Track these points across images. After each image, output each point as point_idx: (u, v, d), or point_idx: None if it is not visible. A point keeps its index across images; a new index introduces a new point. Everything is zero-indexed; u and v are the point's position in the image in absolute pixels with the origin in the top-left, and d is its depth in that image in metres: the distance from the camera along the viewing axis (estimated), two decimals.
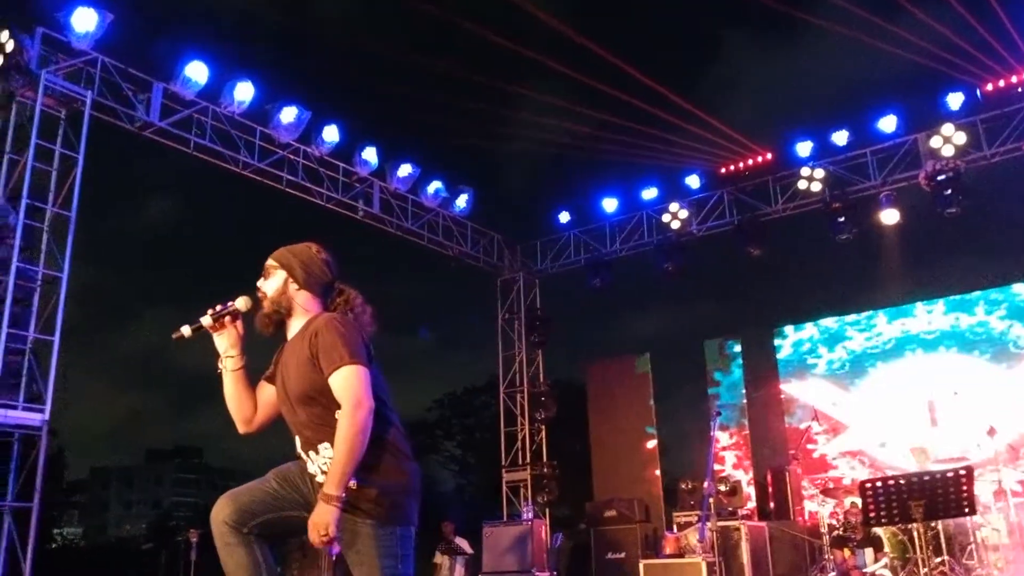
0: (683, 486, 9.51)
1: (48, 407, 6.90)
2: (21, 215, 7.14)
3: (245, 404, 2.79)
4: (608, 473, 11.37)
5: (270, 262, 2.85)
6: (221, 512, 2.62)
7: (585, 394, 12.21)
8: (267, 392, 2.86)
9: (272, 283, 2.82)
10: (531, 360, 12.61)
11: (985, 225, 9.73)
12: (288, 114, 9.05)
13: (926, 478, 4.35)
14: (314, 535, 2.47)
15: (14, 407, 6.78)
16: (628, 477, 11.02)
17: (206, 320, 2.73)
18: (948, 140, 9.47)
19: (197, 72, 8.34)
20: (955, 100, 9.53)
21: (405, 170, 10.40)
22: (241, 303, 2.79)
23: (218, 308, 2.76)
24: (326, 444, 2.66)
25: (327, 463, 2.64)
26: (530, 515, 10.36)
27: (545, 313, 12.74)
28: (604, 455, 11.57)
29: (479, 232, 12.23)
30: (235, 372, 2.77)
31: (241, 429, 2.81)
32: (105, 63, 8.05)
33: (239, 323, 2.80)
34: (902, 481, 4.37)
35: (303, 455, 2.74)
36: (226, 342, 2.79)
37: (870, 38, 10.04)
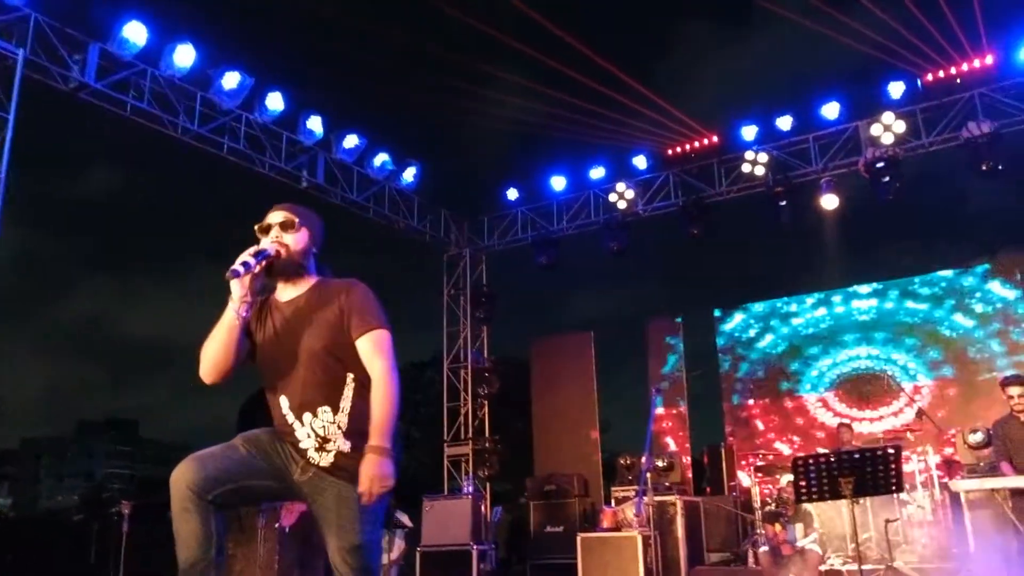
0: (622, 462, 9.64)
1: None
2: None
3: (230, 354, 2.69)
4: (549, 449, 11.46)
5: (291, 216, 2.79)
6: (185, 476, 2.55)
7: (529, 371, 12.28)
8: (244, 344, 2.77)
9: (297, 238, 2.78)
10: (476, 336, 12.62)
11: (920, 212, 9.97)
12: (230, 79, 8.82)
13: (856, 456, 4.48)
14: (375, 486, 2.50)
15: None
16: (569, 453, 11.12)
17: (251, 260, 2.64)
18: (888, 128, 9.68)
19: (135, 33, 8.06)
20: (896, 89, 9.74)
21: (351, 141, 10.25)
22: (271, 247, 2.72)
23: (256, 251, 2.68)
24: (327, 408, 2.65)
25: (324, 427, 2.63)
26: (470, 489, 10.40)
27: (491, 289, 12.75)
28: (546, 431, 11.66)
29: (426, 206, 12.14)
30: (242, 317, 2.67)
31: (211, 377, 2.71)
32: (39, 20, 7.74)
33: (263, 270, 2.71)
34: (832, 458, 4.50)
35: (291, 418, 2.69)
36: (252, 287, 2.69)
37: (818, 26, 10.18)
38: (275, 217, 2.80)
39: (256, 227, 2.80)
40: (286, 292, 2.80)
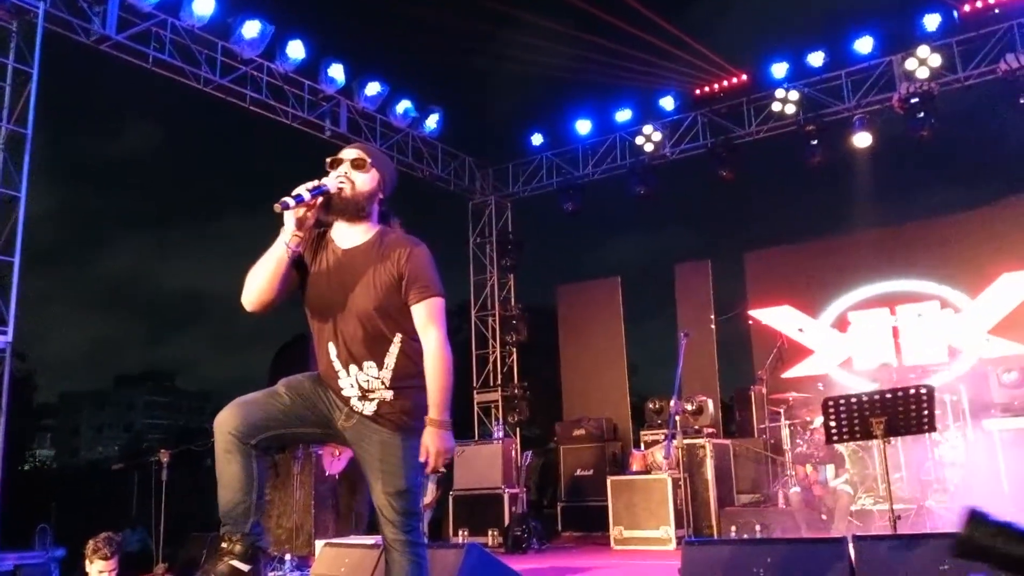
0: (650, 406, 9.67)
1: (11, 329, 6.80)
2: None
3: (275, 285, 2.67)
4: (578, 394, 11.52)
5: (363, 156, 2.75)
6: (228, 422, 2.60)
7: (556, 317, 12.28)
8: (289, 278, 2.74)
9: (366, 178, 2.74)
10: (503, 284, 12.62)
11: (957, 150, 9.72)
12: (250, 28, 8.74)
13: (888, 396, 4.43)
14: (439, 460, 2.60)
15: None
16: (597, 398, 11.17)
17: (305, 194, 2.60)
18: (923, 62, 9.39)
19: None
20: (931, 21, 9.43)
21: (373, 88, 10.14)
22: (332, 183, 2.68)
23: (312, 186, 2.64)
24: (372, 363, 2.67)
25: (368, 381, 2.66)
26: (500, 434, 10.51)
27: (517, 237, 12.70)
28: (574, 377, 11.71)
29: (450, 154, 12.06)
30: (292, 250, 2.65)
31: (253, 306, 2.70)
32: None
33: (319, 206, 2.68)
34: (864, 398, 4.46)
35: (338, 366, 2.70)
36: (306, 221, 2.66)
37: None
38: (348, 153, 2.76)
39: (328, 160, 2.76)
40: (346, 235, 2.77)
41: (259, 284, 2.67)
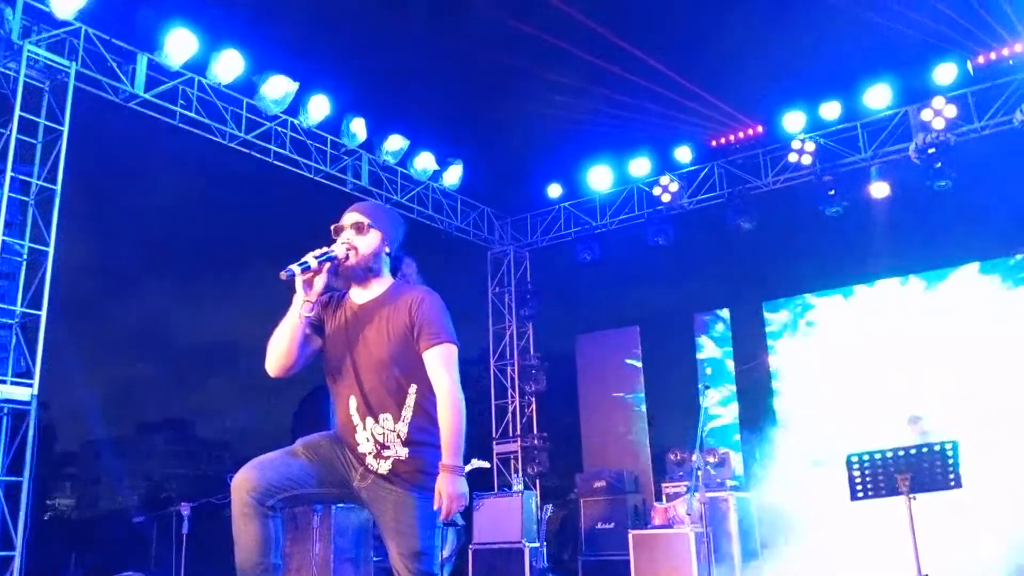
0: (671, 457, 9.58)
1: (36, 382, 6.88)
2: (5, 188, 7.07)
3: (294, 351, 2.76)
4: (597, 445, 11.44)
5: (363, 219, 2.82)
6: (246, 484, 2.63)
7: (575, 366, 12.26)
8: (309, 342, 2.84)
9: (368, 241, 2.80)
10: (521, 333, 12.63)
11: (975, 198, 9.73)
12: (275, 86, 8.94)
13: (912, 452, 4.40)
14: (453, 505, 2.58)
15: (3, 382, 6.77)
16: (617, 449, 11.09)
17: (312, 262, 2.69)
18: (939, 113, 9.45)
19: (183, 42, 8.22)
20: (945, 72, 9.50)
21: (394, 143, 10.32)
22: (339, 249, 2.76)
23: (319, 253, 2.73)
24: (388, 415, 2.70)
25: (384, 434, 2.68)
26: (520, 487, 10.43)
27: (535, 286, 12.75)
28: (594, 427, 11.64)
29: (469, 205, 12.18)
30: (305, 317, 2.74)
31: (275, 372, 2.79)
32: (88, 33, 7.93)
33: (327, 271, 2.76)
34: (888, 455, 4.42)
35: (356, 420, 2.74)
36: (315, 288, 2.74)
37: (863, 9, 9.97)
38: (348, 219, 2.84)
39: (332, 227, 2.84)
40: (360, 293, 2.84)
41: (278, 351, 2.77)
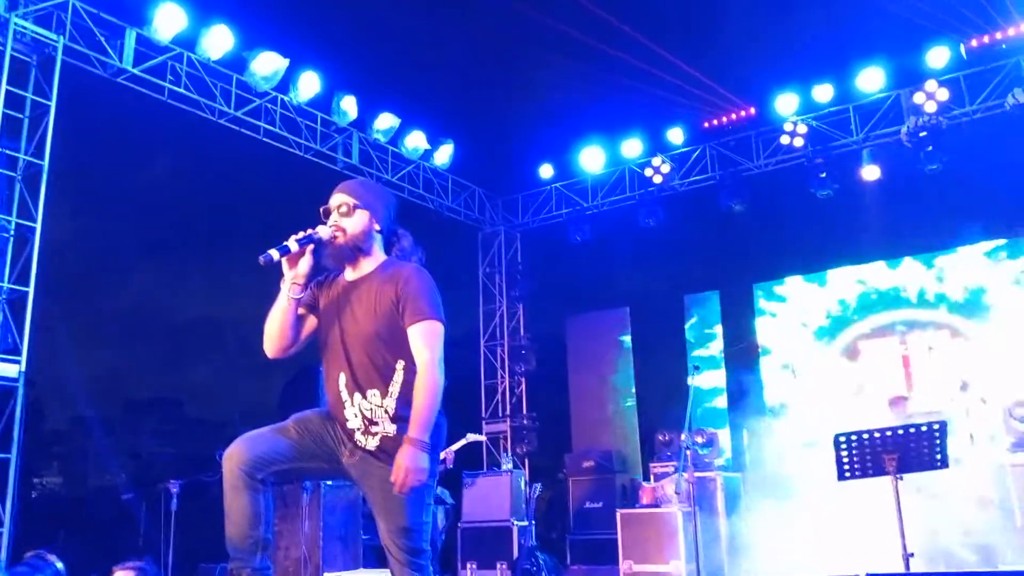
0: (660, 438, 9.63)
1: (24, 359, 6.84)
2: None
3: (288, 332, 2.80)
4: (587, 425, 11.49)
5: (347, 199, 2.82)
6: (236, 457, 2.66)
7: (565, 347, 12.28)
8: (305, 322, 2.87)
9: (355, 222, 2.81)
10: (512, 314, 12.64)
11: (965, 182, 9.76)
12: (265, 62, 8.85)
13: (900, 432, 4.43)
14: (408, 478, 2.54)
15: None
16: (606, 429, 11.15)
17: (293, 246, 2.70)
18: (931, 96, 9.45)
19: (172, 16, 8.12)
20: (938, 55, 9.49)
21: (385, 121, 10.25)
22: (324, 232, 2.77)
23: (302, 235, 2.74)
24: (376, 392, 2.70)
25: (372, 410, 2.69)
26: (509, 465, 10.47)
27: (526, 267, 12.74)
28: (583, 408, 11.69)
29: (460, 185, 12.14)
30: (294, 300, 2.77)
31: (272, 353, 2.84)
32: (76, 7, 7.83)
33: (311, 252, 2.78)
34: (876, 435, 4.45)
35: (344, 395, 2.75)
36: (299, 270, 2.77)
37: None
38: (334, 200, 2.86)
39: (321, 210, 2.85)
40: (351, 272, 2.86)
41: (272, 332, 2.81)
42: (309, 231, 2.76)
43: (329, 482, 7.38)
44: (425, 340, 2.68)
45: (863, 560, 6.19)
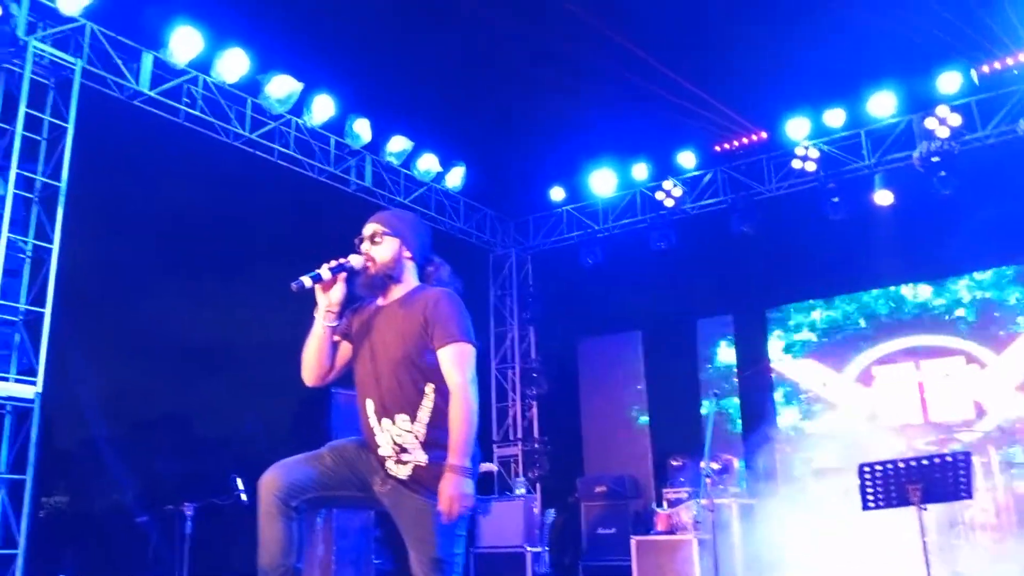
0: (673, 463, 9.56)
1: (40, 380, 6.84)
2: (11, 185, 7.03)
3: (325, 360, 2.81)
4: (599, 449, 11.44)
5: (378, 227, 2.84)
6: (272, 484, 2.66)
7: (577, 370, 12.24)
8: (340, 350, 2.88)
9: (384, 250, 2.83)
10: (523, 336, 12.62)
11: (979, 207, 9.74)
12: (280, 85, 8.91)
13: (924, 462, 4.39)
14: (454, 506, 2.53)
15: (5, 379, 6.73)
16: (618, 453, 11.08)
17: (325, 273, 2.72)
18: (943, 121, 9.45)
19: (188, 40, 8.19)
20: (950, 81, 9.51)
21: (397, 144, 10.30)
22: (356, 261, 2.79)
23: (334, 264, 2.75)
24: (405, 416, 2.69)
25: (401, 436, 2.68)
26: (522, 490, 10.41)
27: (537, 290, 12.73)
28: (595, 432, 11.64)
29: (471, 207, 12.17)
30: (328, 328, 2.78)
31: (311, 382, 2.84)
32: (94, 30, 7.91)
33: (344, 281, 2.80)
34: (900, 465, 4.41)
35: (373, 422, 2.74)
36: (331, 298, 2.78)
37: (866, 16, 9.98)
38: (366, 230, 2.88)
39: (356, 240, 2.86)
40: (382, 299, 2.88)
41: (308, 360, 2.83)
42: (342, 260, 2.77)
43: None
44: (455, 362, 2.67)
45: None
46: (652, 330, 11.95)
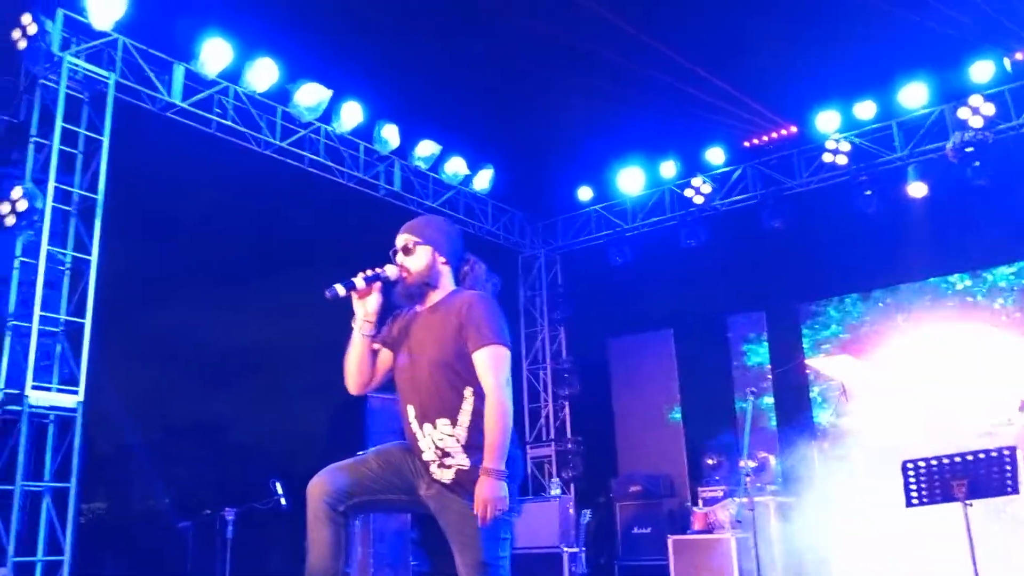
0: (708, 461, 9.51)
1: (82, 389, 6.96)
2: (49, 199, 7.17)
3: (366, 368, 2.84)
4: (632, 449, 11.41)
5: (411, 237, 2.87)
6: (320, 489, 2.70)
7: (608, 370, 12.22)
8: (381, 357, 2.91)
9: (418, 260, 2.86)
10: (553, 337, 12.62)
11: (1015, 196, 9.59)
12: (310, 94, 8.99)
13: (969, 458, 4.34)
14: (489, 509, 2.55)
15: (48, 389, 6.86)
16: (652, 452, 11.05)
17: (360, 283, 2.75)
18: (976, 111, 9.32)
19: (218, 51, 8.29)
20: (983, 70, 9.37)
21: (425, 148, 10.34)
22: (391, 271, 2.82)
23: (370, 273, 2.78)
24: (446, 420, 2.72)
25: (443, 439, 2.70)
26: (557, 491, 10.40)
27: (567, 290, 12.72)
28: (628, 431, 11.61)
29: (500, 209, 12.20)
30: (367, 337, 2.81)
31: (354, 390, 2.88)
32: (126, 44, 8.03)
33: (380, 291, 2.83)
34: (945, 461, 4.36)
35: (415, 427, 2.77)
36: (367, 307, 2.81)
37: (896, 6, 9.86)
38: (398, 241, 2.90)
39: (390, 251, 2.90)
40: (420, 305, 2.92)
41: (351, 369, 2.87)
42: (377, 269, 2.80)
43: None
44: (490, 365, 2.69)
45: None
46: (683, 328, 11.89)
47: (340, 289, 2.72)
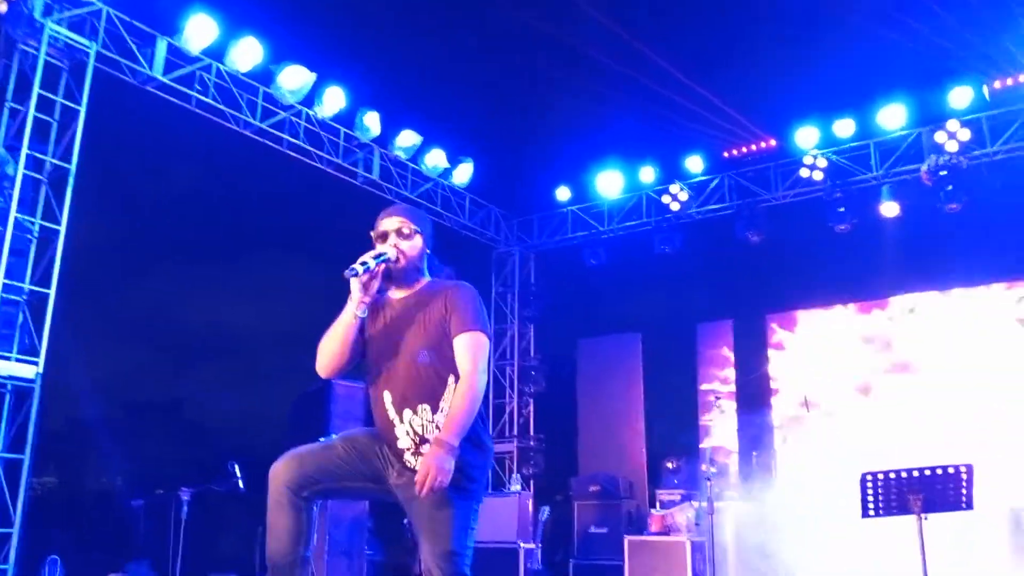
0: (668, 465, 9.59)
1: (42, 360, 6.86)
2: (21, 166, 7.05)
3: (345, 351, 2.80)
4: (594, 449, 11.46)
5: (406, 223, 2.86)
6: (282, 474, 2.67)
7: (575, 370, 12.26)
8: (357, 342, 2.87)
9: (414, 244, 2.85)
10: (522, 334, 12.64)
11: (985, 222, 9.76)
12: (293, 76, 8.91)
13: (927, 472, 4.41)
14: (430, 478, 2.51)
15: (7, 358, 6.75)
16: (613, 453, 11.11)
17: (371, 263, 2.73)
18: (952, 135, 9.46)
19: (203, 27, 8.19)
20: (961, 96, 9.52)
21: (407, 138, 10.30)
22: (391, 252, 2.81)
23: (374, 254, 2.77)
24: (426, 406, 2.70)
25: (424, 426, 2.68)
26: (518, 487, 10.43)
27: (539, 288, 12.75)
28: (591, 431, 11.66)
29: (477, 204, 12.19)
30: (359, 318, 2.78)
31: (326, 373, 2.84)
32: (110, 14, 7.91)
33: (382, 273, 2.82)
34: (903, 474, 4.43)
35: (392, 414, 2.75)
36: (371, 289, 2.79)
37: (879, 26, 9.99)
38: (391, 224, 2.86)
39: (372, 233, 2.87)
40: (398, 292, 2.89)
41: (332, 351, 2.80)
42: (379, 251, 2.78)
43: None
44: (469, 350, 2.70)
45: None
46: (652, 332, 11.97)
47: (360, 269, 2.71)
